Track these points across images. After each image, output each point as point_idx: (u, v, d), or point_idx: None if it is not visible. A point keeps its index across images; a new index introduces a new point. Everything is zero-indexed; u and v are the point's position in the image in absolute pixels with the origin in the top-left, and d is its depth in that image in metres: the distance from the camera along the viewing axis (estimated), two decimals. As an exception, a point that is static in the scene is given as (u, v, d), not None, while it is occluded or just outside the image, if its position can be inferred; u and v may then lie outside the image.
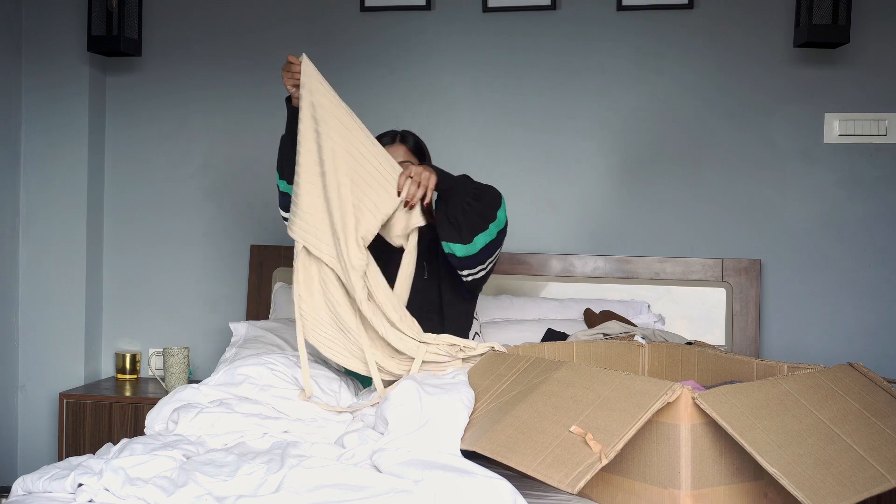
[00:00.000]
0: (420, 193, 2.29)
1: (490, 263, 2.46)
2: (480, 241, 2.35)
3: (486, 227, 2.35)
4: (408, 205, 2.30)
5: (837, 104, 3.16)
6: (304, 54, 2.37)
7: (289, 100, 2.44)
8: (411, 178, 2.29)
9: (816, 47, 3.07)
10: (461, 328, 2.59)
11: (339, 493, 1.74)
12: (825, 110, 3.17)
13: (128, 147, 3.52)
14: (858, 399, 1.90)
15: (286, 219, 2.45)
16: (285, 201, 2.50)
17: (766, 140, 3.20)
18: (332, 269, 2.32)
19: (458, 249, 2.34)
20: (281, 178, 2.51)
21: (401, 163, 2.44)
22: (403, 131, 2.68)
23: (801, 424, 1.77)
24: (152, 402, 2.50)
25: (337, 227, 2.28)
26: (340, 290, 2.34)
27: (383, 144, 2.50)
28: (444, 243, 2.36)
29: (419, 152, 2.66)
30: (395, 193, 2.31)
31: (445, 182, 2.33)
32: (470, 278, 2.46)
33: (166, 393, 2.90)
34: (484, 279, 2.51)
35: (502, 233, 2.41)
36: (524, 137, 3.29)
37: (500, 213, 2.37)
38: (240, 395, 2.32)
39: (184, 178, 3.49)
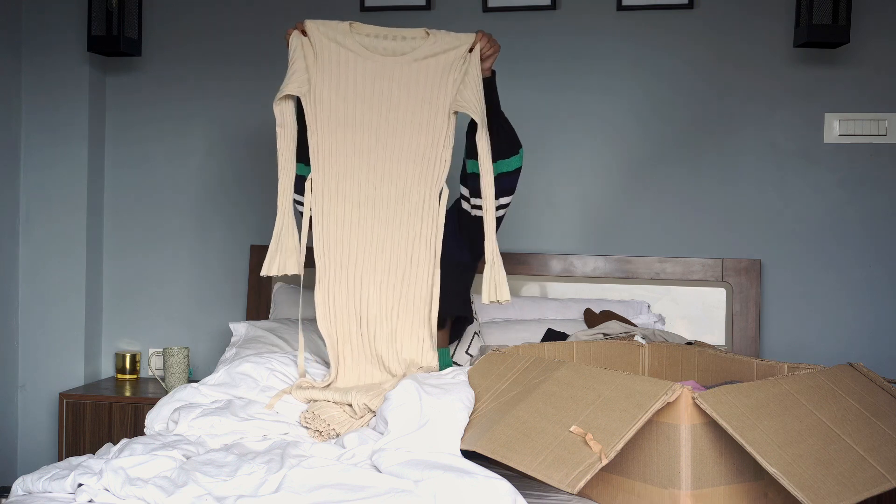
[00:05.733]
0: (491, 52, 2.38)
1: (497, 206, 2.48)
2: (502, 166, 2.45)
3: (508, 158, 2.46)
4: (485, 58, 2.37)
5: (837, 104, 3.16)
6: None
7: None
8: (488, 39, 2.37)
9: (816, 47, 3.07)
10: (456, 307, 2.59)
11: (339, 494, 1.74)
12: (825, 110, 3.17)
13: (128, 147, 3.52)
14: (858, 399, 1.90)
15: (299, 202, 2.50)
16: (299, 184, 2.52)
17: (766, 140, 3.20)
18: None
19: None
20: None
21: None
22: None
23: (801, 424, 1.77)
24: (152, 402, 2.50)
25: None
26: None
27: None
28: (468, 161, 2.46)
29: None
30: None
31: (493, 104, 2.42)
32: (477, 213, 2.50)
33: (166, 393, 2.90)
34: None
35: (517, 174, 2.49)
36: (523, 137, 3.27)
37: (520, 152, 2.49)
38: (239, 396, 2.32)
39: (184, 177, 3.49)
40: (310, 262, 2.43)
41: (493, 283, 2.33)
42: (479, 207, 2.49)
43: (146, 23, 3.44)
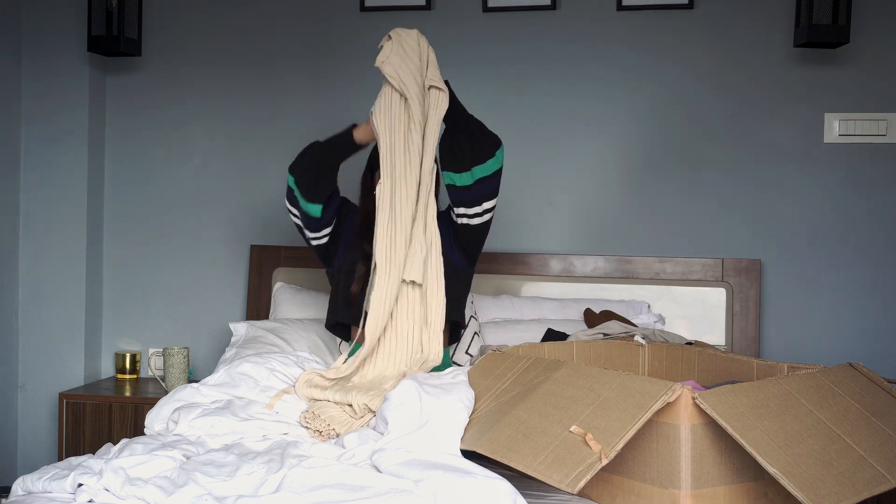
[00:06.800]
0: None
1: (483, 211, 2.52)
2: (478, 172, 2.45)
3: (485, 162, 2.46)
4: None
5: (837, 104, 3.16)
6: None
7: (351, 131, 2.56)
8: None
9: (816, 47, 3.07)
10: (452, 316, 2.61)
11: (339, 494, 1.74)
12: (825, 110, 3.17)
13: (128, 147, 3.52)
14: (858, 399, 1.90)
15: (293, 213, 2.59)
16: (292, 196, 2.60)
17: (766, 140, 3.20)
18: None
19: (458, 178, 2.46)
20: (292, 174, 2.58)
21: None
22: None
23: (801, 424, 1.77)
24: (152, 402, 2.50)
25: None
26: None
27: None
28: (444, 174, 2.49)
29: None
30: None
31: (458, 112, 2.46)
32: (463, 220, 2.53)
33: (166, 393, 2.90)
34: (475, 234, 2.56)
35: (497, 175, 2.50)
36: (524, 137, 3.29)
37: (498, 154, 2.48)
38: (239, 396, 2.33)
39: (184, 178, 3.49)
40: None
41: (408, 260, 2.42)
42: (463, 216, 2.52)
43: (146, 23, 3.44)
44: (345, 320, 2.62)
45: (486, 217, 2.55)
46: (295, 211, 2.60)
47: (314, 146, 2.57)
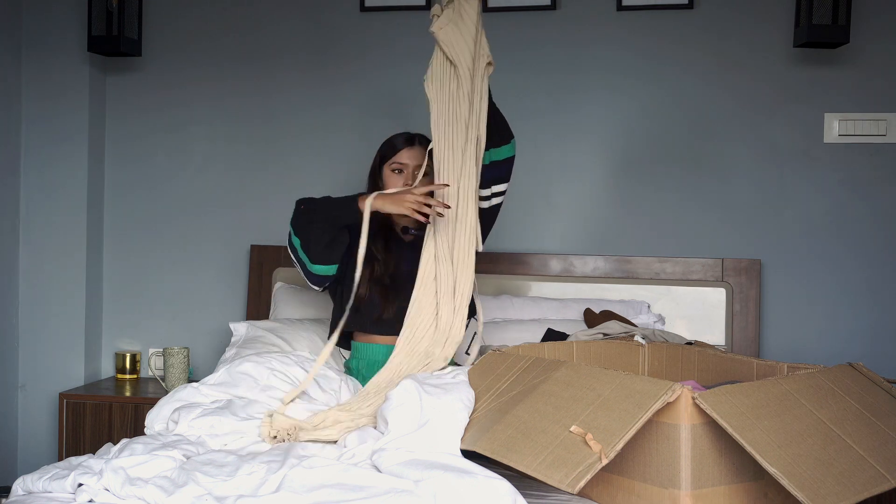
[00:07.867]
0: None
1: (492, 195, 2.58)
2: (494, 155, 2.54)
3: (498, 146, 2.54)
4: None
5: (837, 104, 3.16)
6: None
7: (356, 201, 2.49)
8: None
9: (816, 47, 3.07)
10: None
11: (339, 493, 1.74)
12: (825, 110, 3.17)
13: (128, 147, 3.52)
14: (858, 399, 1.90)
15: (294, 259, 2.60)
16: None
17: (766, 140, 3.20)
18: None
19: None
20: (297, 236, 2.57)
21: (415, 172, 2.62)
22: (416, 134, 2.69)
23: (801, 424, 1.77)
24: (152, 402, 2.49)
25: None
26: None
27: (398, 147, 2.65)
28: None
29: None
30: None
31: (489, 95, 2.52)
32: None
33: (166, 393, 2.90)
34: (483, 219, 2.54)
35: (510, 162, 2.58)
36: (524, 137, 3.28)
37: (511, 143, 2.57)
38: (239, 396, 2.32)
39: (184, 177, 3.49)
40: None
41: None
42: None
43: (146, 23, 3.44)
44: (352, 328, 2.62)
45: (495, 202, 2.60)
46: (296, 260, 2.60)
47: (316, 210, 2.52)
